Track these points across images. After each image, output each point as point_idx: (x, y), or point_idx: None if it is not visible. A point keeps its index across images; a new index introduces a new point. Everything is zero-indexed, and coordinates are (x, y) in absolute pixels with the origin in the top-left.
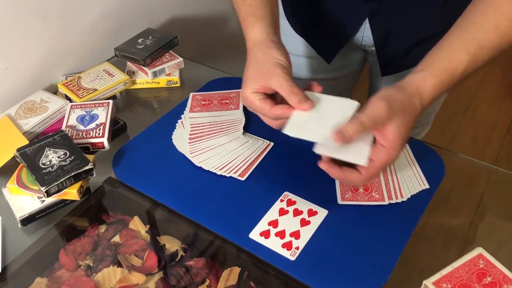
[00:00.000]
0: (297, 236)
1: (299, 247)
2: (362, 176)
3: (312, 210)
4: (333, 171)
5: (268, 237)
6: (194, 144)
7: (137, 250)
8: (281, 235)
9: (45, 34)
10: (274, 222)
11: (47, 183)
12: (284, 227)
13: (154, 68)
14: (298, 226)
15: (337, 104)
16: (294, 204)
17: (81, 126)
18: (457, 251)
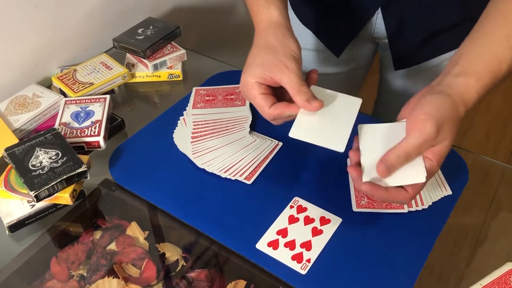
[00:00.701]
0: (309, 247)
1: (311, 259)
2: (409, 193)
3: (324, 218)
4: (378, 193)
5: (276, 248)
6: (197, 143)
7: (135, 259)
8: (291, 246)
9: (38, 22)
10: (283, 231)
11: (36, 187)
12: (294, 237)
13: (155, 60)
14: (310, 235)
15: (341, 101)
16: (305, 211)
17: (75, 124)
18: (469, 251)
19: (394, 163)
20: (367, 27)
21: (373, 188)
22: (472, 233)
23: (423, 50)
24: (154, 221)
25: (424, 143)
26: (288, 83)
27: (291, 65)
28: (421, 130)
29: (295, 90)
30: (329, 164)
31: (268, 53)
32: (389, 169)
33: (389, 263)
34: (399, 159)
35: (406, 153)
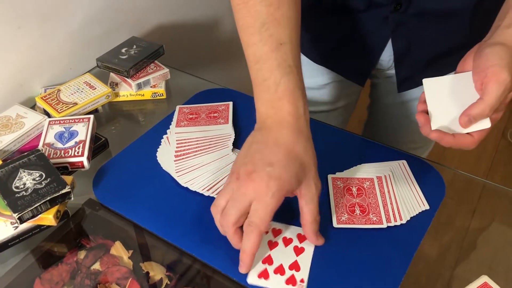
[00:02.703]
0: (297, 268)
1: (304, 279)
2: (474, 138)
3: (301, 234)
4: (446, 139)
5: (268, 278)
6: (180, 162)
7: (119, 278)
8: (280, 271)
9: (22, 43)
10: (268, 259)
11: (20, 208)
12: (280, 261)
13: (139, 79)
14: (294, 256)
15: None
16: (280, 233)
17: (59, 144)
18: (453, 260)
19: (478, 117)
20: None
21: (441, 134)
22: (456, 242)
23: (428, 72)
24: (138, 240)
25: (503, 93)
26: (308, 205)
27: (314, 191)
28: (499, 81)
29: (312, 217)
30: None
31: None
32: (472, 122)
33: (370, 277)
34: (483, 112)
35: (490, 105)
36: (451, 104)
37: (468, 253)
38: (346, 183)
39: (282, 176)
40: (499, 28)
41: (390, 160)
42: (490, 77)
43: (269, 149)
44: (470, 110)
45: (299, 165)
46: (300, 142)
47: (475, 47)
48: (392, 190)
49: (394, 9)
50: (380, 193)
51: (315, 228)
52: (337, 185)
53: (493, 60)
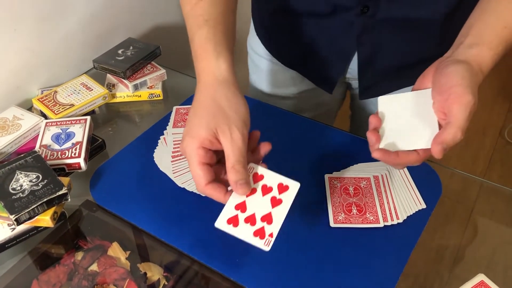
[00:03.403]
0: (270, 221)
1: (273, 233)
2: (420, 156)
3: (282, 184)
4: (389, 158)
5: (237, 225)
6: (177, 162)
7: (116, 279)
8: (251, 221)
9: (18, 45)
10: (241, 205)
11: (17, 210)
12: (253, 211)
13: (135, 80)
14: (269, 207)
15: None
16: (261, 179)
17: (56, 146)
18: (451, 259)
19: (450, 143)
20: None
21: (384, 154)
22: (454, 241)
23: (392, 81)
24: (136, 241)
25: (469, 115)
26: (226, 152)
27: (236, 135)
28: (463, 103)
29: (230, 164)
30: (307, 181)
31: (215, 114)
32: (445, 149)
33: (367, 276)
34: (455, 136)
35: (461, 129)
36: (405, 122)
37: (465, 252)
38: (343, 182)
39: (189, 132)
40: (461, 46)
41: None
42: (454, 99)
43: (191, 110)
44: (441, 138)
45: (210, 114)
46: (212, 92)
47: (435, 63)
48: (389, 189)
49: (361, 12)
50: (377, 192)
51: (233, 177)
52: (334, 185)
53: (456, 80)
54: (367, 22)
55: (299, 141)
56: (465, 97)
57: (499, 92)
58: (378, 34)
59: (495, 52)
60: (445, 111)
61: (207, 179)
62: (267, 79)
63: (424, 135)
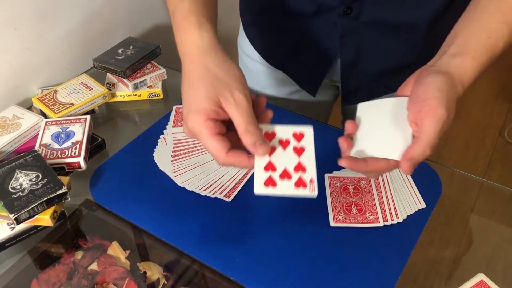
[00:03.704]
0: (303, 169)
1: (313, 178)
2: (390, 163)
3: (296, 133)
4: (358, 166)
5: (275, 185)
6: (177, 162)
7: (116, 278)
8: (287, 176)
9: (18, 44)
10: (270, 166)
11: (16, 209)
12: (284, 166)
13: (135, 80)
14: (296, 157)
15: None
16: (274, 136)
17: (56, 145)
18: (451, 258)
19: (419, 159)
20: (328, 71)
21: (352, 162)
22: (454, 241)
23: (375, 87)
24: (135, 240)
25: (441, 130)
26: (235, 118)
27: (239, 97)
28: (435, 117)
29: (242, 128)
30: None
31: (213, 83)
32: (415, 165)
33: (367, 276)
34: (424, 153)
35: (430, 145)
36: (379, 130)
37: (465, 252)
38: (342, 182)
39: (191, 107)
40: (444, 55)
41: None
42: (427, 112)
43: (185, 93)
44: (410, 154)
45: (207, 84)
46: (203, 62)
47: (418, 71)
48: (388, 189)
49: (344, 13)
50: (376, 192)
51: (249, 139)
52: (333, 184)
53: (432, 92)
54: (350, 24)
55: None
56: (438, 110)
57: (499, 92)
58: (362, 37)
59: (478, 63)
60: (418, 123)
61: (226, 148)
62: (256, 80)
63: (396, 146)
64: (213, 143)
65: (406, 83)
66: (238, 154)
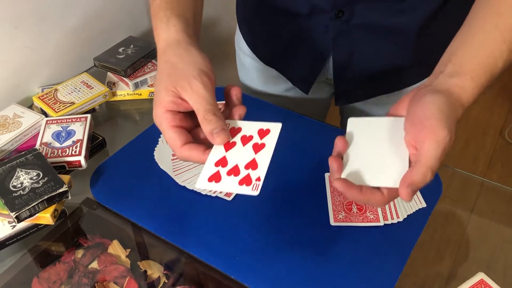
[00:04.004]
0: (254, 166)
1: (260, 177)
2: (384, 197)
3: (262, 130)
4: (351, 192)
5: (219, 180)
6: (178, 161)
7: (117, 277)
8: (234, 172)
9: (19, 43)
10: (222, 161)
11: (17, 207)
12: (235, 162)
13: (136, 79)
14: (252, 154)
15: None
16: (239, 131)
17: (56, 143)
18: (451, 258)
19: (420, 185)
20: (321, 70)
21: (347, 186)
22: (454, 240)
23: (367, 88)
24: (136, 239)
25: (443, 152)
26: (194, 107)
27: (196, 85)
28: (437, 140)
29: (200, 116)
30: (307, 179)
31: (171, 74)
32: (415, 191)
33: (367, 275)
34: (425, 178)
35: (432, 169)
36: (373, 152)
37: (466, 251)
38: None
39: (154, 101)
40: (441, 75)
41: None
42: (427, 134)
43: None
44: (410, 179)
45: (166, 76)
46: (166, 55)
47: (414, 90)
48: None
49: (336, 17)
50: None
51: (206, 127)
52: None
53: (432, 112)
54: (342, 27)
55: (298, 140)
56: (439, 132)
57: (499, 92)
58: (353, 39)
59: (477, 83)
60: (416, 145)
61: (182, 141)
62: (252, 77)
63: (392, 171)
64: (169, 134)
65: (401, 102)
66: (194, 148)
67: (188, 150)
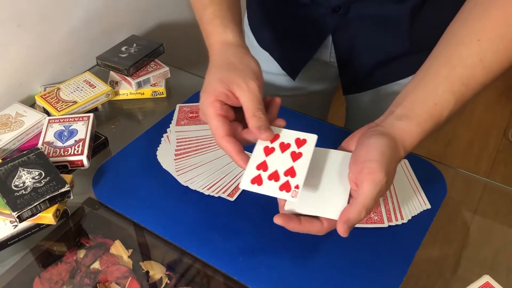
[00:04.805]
0: (293, 174)
1: (299, 185)
2: (324, 226)
3: (299, 139)
4: (291, 224)
5: (261, 183)
6: (180, 161)
7: (119, 277)
8: (275, 177)
9: (22, 41)
10: (262, 165)
11: (19, 207)
12: (275, 167)
13: (138, 78)
14: (291, 162)
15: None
16: (278, 138)
17: (59, 143)
18: (454, 259)
19: (355, 221)
20: (324, 52)
21: (285, 219)
22: (457, 241)
23: (373, 77)
24: (138, 239)
25: (379, 194)
26: (245, 103)
27: (252, 85)
28: (374, 181)
29: (250, 112)
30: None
31: (228, 70)
32: (351, 227)
33: (371, 277)
34: (360, 215)
35: (367, 208)
36: (318, 183)
37: (469, 253)
38: None
39: (205, 89)
40: (391, 116)
41: None
42: (366, 175)
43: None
44: (347, 216)
45: (223, 71)
46: (225, 54)
47: (364, 127)
48: (393, 189)
49: (333, 11)
50: None
51: (255, 123)
52: None
53: (373, 155)
54: (340, 20)
55: None
56: (377, 174)
57: (502, 93)
58: (352, 31)
59: (423, 128)
60: (357, 183)
61: (225, 130)
62: None
63: (333, 204)
64: (214, 122)
65: (351, 137)
66: (232, 143)
67: (227, 142)
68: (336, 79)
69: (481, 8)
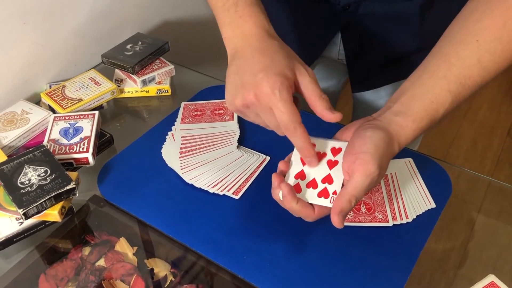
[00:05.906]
0: (330, 181)
1: (336, 191)
2: (314, 213)
3: (335, 148)
4: (289, 203)
5: (300, 191)
6: (185, 158)
7: (123, 274)
8: (313, 185)
9: (27, 39)
10: (300, 174)
11: (25, 204)
12: (313, 176)
13: (144, 76)
14: (327, 169)
15: None
16: (313, 147)
17: (64, 140)
18: (457, 259)
19: (347, 210)
20: (332, 48)
21: (290, 191)
22: (461, 240)
23: (382, 75)
24: (143, 236)
25: (369, 185)
26: (308, 87)
27: (309, 69)
28: (366, 173)
29: (317, 96)
30: None
31: (289, 56)
32: (345, 216)
33: (375, 276)
34: (350, 205)
35: (356, 197)
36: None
37: (473, 252)
38: None
39: (276, 72)
40: (388, 111)
41: (396, 158)
42: (358, 165)
43: (253, 63)
44: (340, 207)
45: (283, 58)
46: (274, 42)
47: (361, 120)
48: (398, 188)
49: (343, 8)
50: (386, 191)
51: (325, 104)
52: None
53: (367, 147)
54: (351, 17)
55: None
56: (369, 166)
57: (507, 91)
58: (362, 28)
59: (418, 125)
60: (349, 173)
61: (299, 117)
62: None
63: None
64: (292, 106)
65: (347, 128)
66: (305, 134)
67: (303, 130)
68: (343, 77)
69: (482, 9)
